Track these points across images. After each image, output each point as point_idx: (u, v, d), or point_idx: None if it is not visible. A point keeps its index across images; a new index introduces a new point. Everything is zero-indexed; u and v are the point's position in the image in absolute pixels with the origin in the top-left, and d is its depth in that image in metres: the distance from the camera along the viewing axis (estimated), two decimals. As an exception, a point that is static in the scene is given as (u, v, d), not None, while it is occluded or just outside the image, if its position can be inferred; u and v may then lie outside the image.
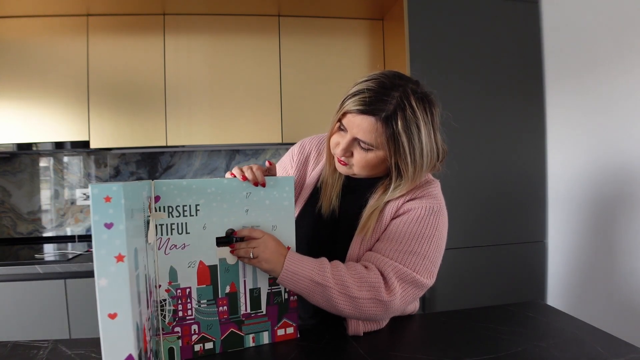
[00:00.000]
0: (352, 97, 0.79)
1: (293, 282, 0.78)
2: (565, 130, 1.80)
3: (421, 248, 0.82)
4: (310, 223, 0.94)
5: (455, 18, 1.82)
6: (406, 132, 0.77)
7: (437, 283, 1.81)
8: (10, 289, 1.58)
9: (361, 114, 0.78)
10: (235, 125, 1.96)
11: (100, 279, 0.63)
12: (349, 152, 0.83)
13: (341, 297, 0.77)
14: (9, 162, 2.12)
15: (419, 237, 0.83)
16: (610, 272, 1.58)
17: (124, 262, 0.63)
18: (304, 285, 0.78)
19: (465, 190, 1.82)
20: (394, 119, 0.76)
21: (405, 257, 0.82)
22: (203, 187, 0.76)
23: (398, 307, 0.81)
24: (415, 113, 0.77)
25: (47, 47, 1.85)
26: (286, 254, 0.79)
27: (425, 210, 0.84)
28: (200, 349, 0.78)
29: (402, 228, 0.84)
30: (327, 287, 0.77)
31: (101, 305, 0.63)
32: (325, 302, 0.79)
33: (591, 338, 0.82)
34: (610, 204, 1.58)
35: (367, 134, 0.78)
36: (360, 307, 0.78)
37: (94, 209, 0.61)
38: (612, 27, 1.55)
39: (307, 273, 0.77)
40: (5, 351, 0.80)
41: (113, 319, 0.63)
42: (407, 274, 0.80)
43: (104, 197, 0.62)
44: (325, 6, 1.94)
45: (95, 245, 0.62)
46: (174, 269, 0.75)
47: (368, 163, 0.82)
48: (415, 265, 0.82)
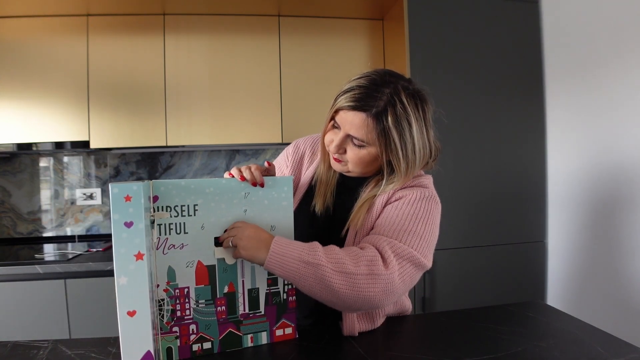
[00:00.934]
0: (343, 94, 0.81)
1: (281, 265, 0.72)
2: (565, 130, 1.80)
3: (416, 228, 0.80)
4: (305, 221, 0.94)
5: (455, 18, 1.82)
6: (397, 128, 0.77)
7: (437, 283, 1.80)
8: (10, 289, 1.58)
9: (353, 110, 0.79)
10: (235, 125, 1.96)
11: (119, 277, 0.64)
12: (342, 149, 0.84)
13: (336, 275, 0.71)
14: (9, 162, 2.12)
15: (414, 217, 0.81)
16: (610, 272, 1.58)
17: (144, 260, 0.64)
18: (294, 267, 0.72)
19: (465, 190, 1.82)
20: (384, 114, 0.77)
21: (401, 235, 0.79)
22: (201, 187, 0.76)
23: (398, 284, 0.75)
24: (406, 109, 0.78)
25: (47, 47, 1.85)
26: (271, 240, 0.75)
27: (418, 195, 0.84)
28: (198, 349, 0.78)
29: (396, 211, 0.82)
30: (320, 266, 0.71)
31: (120, 303, 0.64)
32: (319, 284, 0.72)
33: (591, 338, 0.82)
34: (610, 203, 1.58)
35: (359, 130, 0.79)
36: (358, 284, 0.72)
37: (114, 208, 0.63)
38: (612, 27, 1.55)
39: (296, 254, 0.72)
40: (5, 351, 0.80)
41: (132, 316, 0.64)
42: (404, 250, 0.77)
43: (124, 197, 0.64)
44: (325, 6, 1.94)
45: (115, 244, 0.64)
46: (172, 269, 0.75)
47: (361, 160, 0.83)
48: (412, 243, 0.79)
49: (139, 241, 0.64)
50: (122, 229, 0.63)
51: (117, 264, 0.63)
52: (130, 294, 0.64)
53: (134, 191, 0.64)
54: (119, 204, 0.63)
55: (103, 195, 2.18)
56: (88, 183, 2.17)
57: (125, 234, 0.63)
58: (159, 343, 0.74)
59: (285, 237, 0.77)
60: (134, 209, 0.64)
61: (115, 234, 0.63)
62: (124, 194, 0.63)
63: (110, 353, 0.78)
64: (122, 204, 0.63)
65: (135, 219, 0.64)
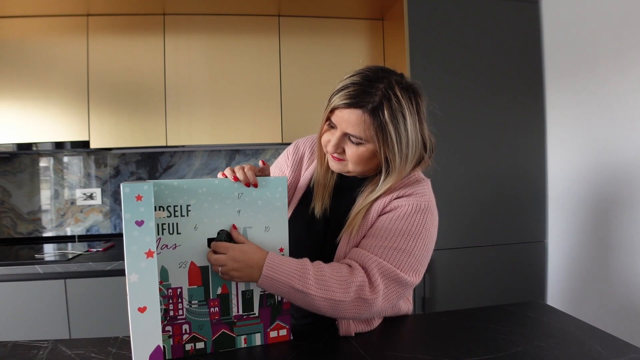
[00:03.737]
0: (338, 93, 0.81)
1: (273, 288, 0.77)
2: (565, 130, 1.80)
3: (407, 245, 0.81)
4: (303, 223, 0.94)
5: (455, 18, 1.82)
6: (392, 122, 0.77)
7: (437, 283, 1.80)
8: (10, 289, 1.58)
9: (348, 108, 0.79)
10: (235, 125, 1.96)
11: (130, 275, 0.66)
12: (340, 148, 0.84)
13: (324, 302, 0.77)
14: (9, 162, 2.12)
15: (405, 234, 0.82)
16: (610, 272, 1.58)
17: (154, 257, 0.66)
18: (284, 291, 0.77)
19: (465, 190, 1.82)
20: (380, 109, 0.77)
21: (389, 254, 0.80)
22: (194, 187, 0.76)
23: (380, 306, 0.79)
24: (400, 102, 0.78)
25: (47, 47, 1.85)
26: (262, 262, 0.76)
27: (412, 208, 0.83)
28: (191, 349, 0.78)
29: (388, 225, 0.83)
30: (309, 294, 0.76)
31: (131, 299, 0.66)
32: (309, 306, 0.78)
33: (591, 338, 0.82)
34: (610, 203, 1.58)
35: (356, 127, 0.79)
36: (342, 309, 0.78)
37: (125, 207, 0.64)
38: (612, 27, 1.55)
39: (287, 280, 0.76)
40: (5, 351, 0.80)
41: (142, 312, 0.66)
42: (390, 271, 0.79)
43: (136, 196, 0.65)
44: (325, 6, 1.94)
45: (127, 242, 0.65)
46: (165, 269, 0.75)
47: (361, 157, 0.82)
48: (400, 263, 0.80)
49: (150, 239, 0.66)
50: (134, 228, 0.65)
51: (128, 261, 0.65)
52: (141, 290, 0.66)
53: (145, 191, 0.65)
54: (131, 203, 0.65)
55: (103, 195, 2.18)
56: (88, 183, 2.17)
57: (136, 232, 0.65)
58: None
59: (284, 243, 0.81)
60: (144, 208, 0.66)
61: (126, 233, 0.64)
62: (135, 193, 0.65)
63: (110, 353, 0.78)
64: (134, 203, 0.65)
65: (145, 218, 0.66)
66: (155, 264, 0.65)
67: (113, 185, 2.19)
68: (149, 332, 0.66)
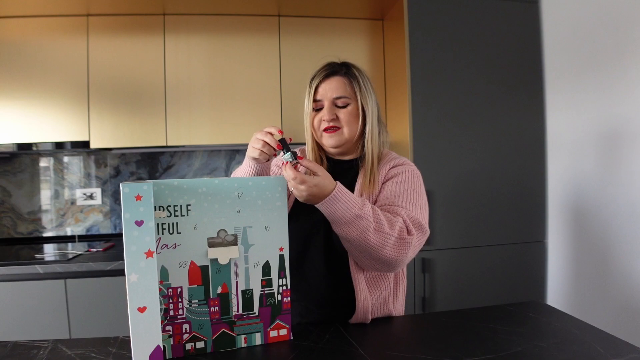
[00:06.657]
0: (315, 75, 1.01)
1: (335, 209, 0.83)
2: (565, 130, 1.80)
3: (417, 200, 0.95)
4: (309, 208, 0.96)
5: (455, 18, 1.82)
6: (360, 76, 1.00)
7: (437, 283, 1.80)
8: (10, 289, 1.58)
9: (328, 78, 0.99)
10: (235, 125, 1.96)
11: (130, 275, 0.66)
12: (334, 115, 0.98)
13: (373, 233, 0.84)
14: (9, 162, 2.12)
15: (413, 192, 0.96)
16: (610, 272, 1.58)
17: (153, 257, 0.66)
18: (346, 216, 0.83)
19: (465, 190, 1.82)
20: (350, 72, 1.00)
21: (410, 207, 0.93)
22: (194, 187, 0.76)
23: (412, 250, 0.90)
24: (359, 69, 1.02)
25: (47, 47, 1.85)
26: (333, 186, 0.83)
27: (411, 173, 0.99)
28: (191, 348, 0.78)
29: (397, 187, 0.97)
30: (364, 218, 0.83)
31: (131, 299, 0.66)
32: (358, 234, 0.84)
33: (591, 338, 0.82)
34: (610, 203, 1.58)
35: (339, 88, 0.98)
36: (387, 244, 0.85)
37: (125, 207, 0.65)
38: (611, 27, 1.55)
39: (352, 203, 0.84)
40: (5, 351, 0.80)
41: (142, 312, 0.66)
42: (417, 220, 0.91)
43: (135, 196, 0.65)
44: (325, 6, 1.94)
45: (127, 242, 0.65)
46: (165, 269, 0.75)
47: (351, 115, 0.99)
48: (419, 214, 0.93)
49: (149, 239, 0.66)
50: (133, 228, 0.65)
51: (128, 261, 0.65)
52: (141, 290, 0.66)
53: (145, 191, 0.66)
54: (130, 203, 0.65)
55: (103, 195, 2.18)
56: (88, 183, 2.17)
57: (136, 232, 0.65)
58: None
59: (284, 243, 0.85)
60: (144, 208, 0.66)
61: (126, 233, 0.65)
62: (135, 193, 0.65)
63: (110, 353, 0.78)
64: (133, 203, 0.65)
65: (145, 218, 0.66)
66: (155, 264, 0.65)
67: (113, 185, 2.19)
68: (149, 332, 0.66)
